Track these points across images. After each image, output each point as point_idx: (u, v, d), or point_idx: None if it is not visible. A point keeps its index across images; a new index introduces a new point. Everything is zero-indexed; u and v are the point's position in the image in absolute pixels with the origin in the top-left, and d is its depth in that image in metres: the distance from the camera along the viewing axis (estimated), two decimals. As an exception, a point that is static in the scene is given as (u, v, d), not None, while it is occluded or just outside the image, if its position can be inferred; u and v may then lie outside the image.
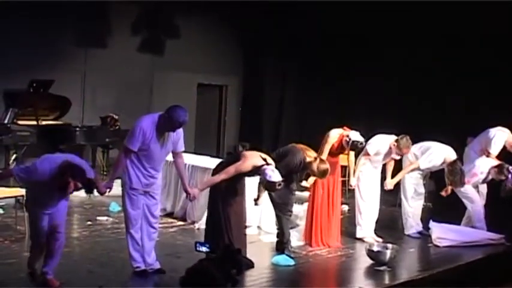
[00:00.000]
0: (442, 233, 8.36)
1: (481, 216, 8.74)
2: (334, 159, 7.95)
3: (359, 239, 8.33)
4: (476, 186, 8.88)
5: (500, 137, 9.41)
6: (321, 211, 7.91)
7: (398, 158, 8.53)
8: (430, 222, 8.54)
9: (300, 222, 8.47)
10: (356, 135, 7.86)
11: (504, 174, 8.53)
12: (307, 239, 7.98)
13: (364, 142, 7.99)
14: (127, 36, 13.88)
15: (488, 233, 8.55)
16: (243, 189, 6.90)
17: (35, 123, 11.10)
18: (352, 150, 8.11)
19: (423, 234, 8.71)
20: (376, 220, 8.48)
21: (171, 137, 6.20)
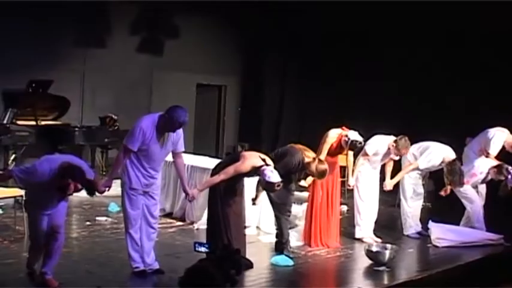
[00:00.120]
0: (441, 233, 8.35)
1: (480, 216, 8.75)
2: (333, 160, 7.95)
3: (358, 239, 8.33)
4: (476, 186, 8.89)
5: (499, 137, 9.40)
6: (320, 211, 7.91)
7: (397, 158, 8.53)
8: (429, 222, 8.53)
9: (299, 223, 8.49)
10: (355, 135, 7.85)
11: (503, 175, 8.53)
12: (306, 239, 7.97)
13: (363, 142, 7.99)
14: (126, 37, 13.87)
15: (487, 233, 8.55)
16: (242, 189, 6.90)
17: (34, 123, 11.09)
18: (351, 150, 8.10)
19: (422, 234, 8.71)
20: (375, 220, 8.48)
21: (171, 137, 6.19)
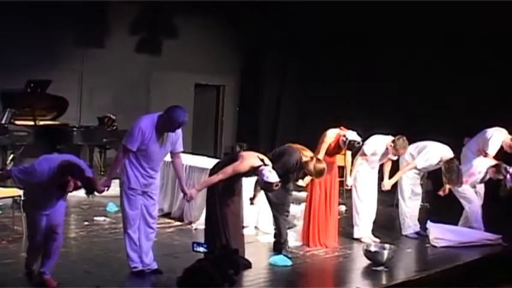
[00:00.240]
0: (440, 234, 8.35)
1: (479, 216, 8.75)
2: (331, 159, 7.94)
3: (356, 239, 8.33)
4: (474, 186, 8.88)
5: (497, 137, 9.40)
6: (318, 211, 7.91)
7: (395, 158, 8.53)
8: (428, 222, 8.53)
9: (297, 223, 8.49)
10: (353, 135, 7.85)
11: (502, 174, 8.53)
12: (304, 239, 7.97)
13: (361, 142, 7.99)
14: (124, 37, 13.86)
15: (485, 234, 8.56)
16: (240, 189, 6.90)
17: (32, 123, 11.08)
18: (349, 150, 8.09)
19: (421, 234, 8.71)
20: (374, 220, 8.48)
21: (170, 137, 6.19)
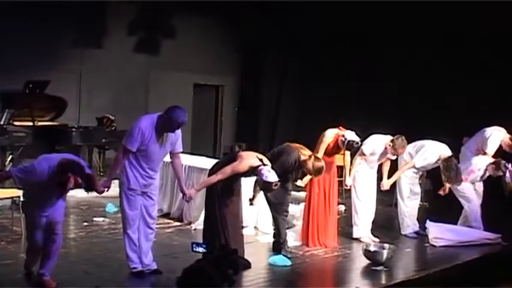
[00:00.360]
0: (439, 233, 8.35)
1: (478, 215, 8.75)
2: (330, 159, 7.94)
3: (356, 239, 8.33)
4: (473, 183, 8.86)
5: (496, 136, 9.41)
6: (317, 211, 7.90)
7: (394, 158, 8.53)
8: (427, 222, 8.53)
9: (296, 223, 8.48)
10: (351, 135, 7.85)
11: (501, 170, 8.52)
12: (303, 239, 7.97)
13: (359, 142, 7.99)
14: (123, 37, 13.86)
15: (485, 233, 8.56)
16: (239, 189, 6.90)
17: (31, 124, 11.07)
18: (348, 150, 8.10)
19: (420, 234, 8.71)
20: (373, 220, 8.48)
21: (170, 137, 6.19)
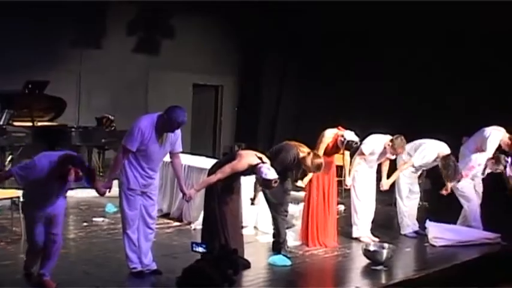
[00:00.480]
0: (439, 233, 8.35)
1: (477, 215, 8.75)
2: (329, 159, 7.94)
3: (355, 238, 8.33)
4: (473, 179, 8.84)
5: (496, 136, 9.39)
6: (317, 211, 7.91)
7: (393, 157, 8.53)
8: (427, 221, 8.53)
9: (296, 222, 8.48)
10: (351, 135, 7.86)
11: (502, 164, 8.53)
12: (303, 239, 7.97)
13: (358, 142, 7.99)
14: (122, 37, 13.87)
15: (484, 232, 8.56)
16: (239, 188, 6.90)
17: (30, 124, 11.08)
18: (347, 150, 8.11)
19: (419, 233, 8.71)
20: (372, 220, 8.48)
21: (170, 137, 6.19)
